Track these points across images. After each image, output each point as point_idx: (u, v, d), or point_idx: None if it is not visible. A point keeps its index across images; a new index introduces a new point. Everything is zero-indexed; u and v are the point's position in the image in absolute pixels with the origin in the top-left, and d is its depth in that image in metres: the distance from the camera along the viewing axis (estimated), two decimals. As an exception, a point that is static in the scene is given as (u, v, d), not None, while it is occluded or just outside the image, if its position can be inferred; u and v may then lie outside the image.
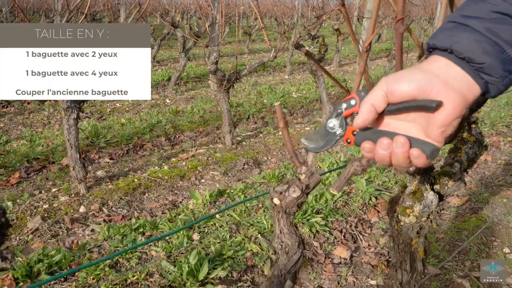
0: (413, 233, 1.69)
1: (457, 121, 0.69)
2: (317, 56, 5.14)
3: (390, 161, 0.76)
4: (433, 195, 1.57)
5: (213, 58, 4.00)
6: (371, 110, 0.73)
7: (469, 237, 2.71)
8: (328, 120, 0.87)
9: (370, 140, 0.77)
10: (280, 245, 0.96)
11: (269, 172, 3.54)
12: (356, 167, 1.02)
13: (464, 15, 0.70)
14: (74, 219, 2.94)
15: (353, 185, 3.43)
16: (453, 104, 0.67)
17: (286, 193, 0.92)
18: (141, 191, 3.39)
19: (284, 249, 0.95)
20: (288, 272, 0.93)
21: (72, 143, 3.19)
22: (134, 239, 2.55)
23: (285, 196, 0.92)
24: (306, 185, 0.93)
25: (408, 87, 0.69)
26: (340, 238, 2.80)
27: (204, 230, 2.71)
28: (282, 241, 0.96)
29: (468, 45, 0.67)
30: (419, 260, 1.75)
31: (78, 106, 3.20)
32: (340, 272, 2.47)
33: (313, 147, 0.90)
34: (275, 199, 0.93)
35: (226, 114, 4.28)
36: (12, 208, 3.02)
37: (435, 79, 0.68)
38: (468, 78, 0.68)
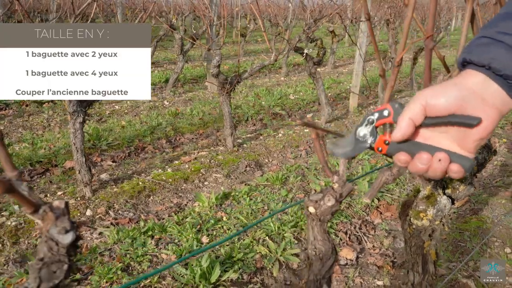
0: (425, 236, 1.75)
1: (491, 134, 0.74)
2: (315, 58, 5.19)
3: (426, 173, 0.81)
4: (446, 199, 1.63)
5: (216, 62, 4.03)
6: (410, 124, 0.78)
7: (471, 238, 2.78)
8: (358, 129, 0.90)
9: (405, 152, 0.82)
10: (314, 252, 1.00)
11: (273, 174, 3.58)
12: (388, 177, 1.06)
13: (499, 32, 0.74)
14: (81, 223, 2.96)
15: (355, 187, 3.49)
16: (490, 119, 0.72)
17: (322, 202, 0.97)
18: (146, 194, 3.42)
19: (318, 255, 1.00)
20: (323, 278, 0.98)
21: (78, 146, 3.21)
22: (144, 242, 2.58)
23: (320, 205, 0.96)
24: (340, 194, 0.97)
25: (446, 102, 0.74)
26: (346, 239, 2.85)
27: (213, 233, 2.75)
28: (316, 247, 1.00)
29: (506, 63, 0.71)
30: (431, 262, 1.81)
31: (84, 110, 3.22)
32: (347, 273, 2.53)
33: (340, 153, 0.94)
34: (311, 208, 0.98)
35: (228, 117, 4.31)
36: (19, 212, 3.04)
37: (472, 95, 0.73)
38: (503, 94, 0.72)
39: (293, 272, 2.52)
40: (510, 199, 3.33)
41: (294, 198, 3.29)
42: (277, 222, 2.83)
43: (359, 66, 5.95)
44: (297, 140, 4.79)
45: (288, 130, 5.16)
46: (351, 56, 12.30)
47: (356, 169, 3.89)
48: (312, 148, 4.61)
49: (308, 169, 3.88)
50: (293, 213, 2.96)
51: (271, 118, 5.75)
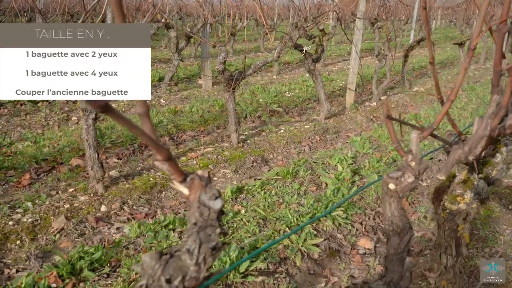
0: (459, 219, 1.81)
1: None
2: (314, 55, 5.26)
3: None
4: (483, 183, 1.70)
5: (221, 58, 4.06)
6: None
7: (483, 226, 2.87)
8: None
9: None
10: (391, 227, 1.05)
11: (283, 169, 3.62)
12: (460, 155, 1.12)
13: None
14: (98, 218, 2.96)
15: (364, 179, 3.56)
16: None
17: (402, 178, 1.01)
18: (158, 190, 3.42)
19: (396, 230, 1.04)
20: (403, 251, 1.03)
21: (91, 143, 3.21)
22: (167, 235, 2.59)
23: (401, 181, 1.01)
24: (418, 171, 1.02)
25: None
26: (361, 230, 2.91)
27: (233, 225, 2.78)
28: (393, 223, 1.05)
29: None
30: (464, 245, 1.88)
31: (96, 106, 3.21)
32: (367, 261, 2.59)
33: None
34: (391, 185, 1.02)
35: (232, 113, 4.34)
36: (33, 209, 3.01)
37: None
38: None
39: (315, 262, 2.57)
40: (515, 189, 3.44)
41: (307, 191, 3.34)
42: (295, 214, 2.87)
43: (355, 63, 6.03)
44: (299, 136, 4.84)
45: (289, 126, 5.21)
46: (339, 55, 12.44)
47: (362, 162, 3.96)
48: (314, 144, 4.67)
49: (316, 163, 3.93)
50: (309, 205, 3.01)
51: (269, 115, 5.80)
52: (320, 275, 2.46)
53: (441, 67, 10.66)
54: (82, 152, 4.09)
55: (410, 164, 1.04)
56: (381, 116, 5.87)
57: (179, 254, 0.61)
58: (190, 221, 0.64)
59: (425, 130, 1.10)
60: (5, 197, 3.22)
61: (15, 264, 2.45)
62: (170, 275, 0.59)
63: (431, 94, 2.01)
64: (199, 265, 0.60)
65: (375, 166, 3.74)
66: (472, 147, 1.14)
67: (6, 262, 2.47)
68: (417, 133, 1.10)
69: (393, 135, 1.10)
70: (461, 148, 1.13)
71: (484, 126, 1.45)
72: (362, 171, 3.70)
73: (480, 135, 1.38)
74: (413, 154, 1.08)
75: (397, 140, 1.10)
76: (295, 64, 10.52)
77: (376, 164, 3.77)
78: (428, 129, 1.09)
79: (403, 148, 1.10)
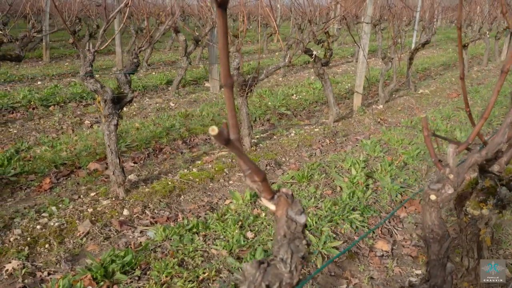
0: (481, 224, 1.90)
1: None
2: (323, 59, 5.35)
3: None
4: (505, 190, 1.79)
5: (235, 64, 4.15)
6: None
7: (496, 229, 2.97)
8: None
9: None
10: (431, 235, 1.14)
11: (299, 173, 3.71)
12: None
13: None
14: (122, 222, 3.05)
15: (378, 183, 3.65)
16: None
17: (443, 190, 1.10)
18: (177, 193, 3.51)
19: (436, 237, 1.13)
20: (443, 257, 1.12)
21: (112, 148, 3.29)
22: (191, 239, 2.68)
23: (442, 193, 1.10)
24: (457, 183, 1.11)
25: None
26: (378, 232, 3.00)
27: (254, 229, 2.87)
28: (433, 231, 1.14)
29: None
30: (485, 248, 1.97)
31: (118, 112, 3.30)
32: (385, 263, 2.68)
33: None
34: (432, 196, 1.11)
35: (245, 118, 4.43)
36: (58, 213, 3.10)
37: None
38: None
39: (335, 264, 2.66)
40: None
41: (323, 195, 3.43)
42: (314, 217, 2.96)
43: (363, 66, 6.13)
44: (309, 139, 4.93)
45: (299, 129, 5.31)
46: (342, 56, 12.53)
47: (375, 166, 4.05)
48: (325, 147, 4.77)
49: (329, 167, 4.03)
50: (327, 209, 3.10)
51: (278, 118, 5.89)
52: (341, 277, 2.55)
53: (444, 68, 10.76)
54: (99, 157, 4.18)
55: (449, 177, 1.14)
56: (389, 119, 5.96)
57: (275, 263, 0.70)
58: (279, 233, 0.73)
59: (461, 145, 1.19)
60: (29, 201, 3.31)
61: (46, 267, 2.54)
62: (269, 282, 0.68)
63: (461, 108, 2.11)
64: (292, 272, 0.69)
65: (387, 169, 3.83)
66: (489, 152, 1.23)
67: (37, 265, 2.56)
68: (453, 147, 1.19)
69: (431, 151, 1.19)
70: (478, 152, 1.22)
71: (502, 134, 1.55)
72: (375, 175, 3.79)
73: (497, 142, 1.47)
74: (450, 167, 1.17)
75: (435, 154, 1.19)
76: (299, 66, 10.61)
77: (388, 168, 3.86)
78: (463, 144, 1.19)
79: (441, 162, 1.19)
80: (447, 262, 1.11)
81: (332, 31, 11.87)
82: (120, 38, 8.67)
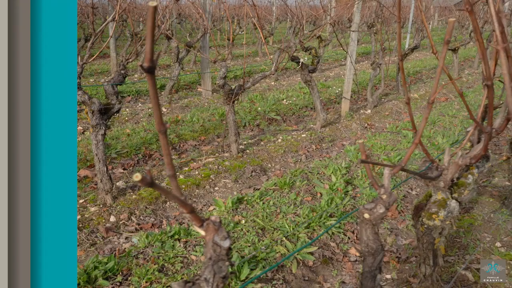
0: (436, 234, 2.04)
1: None
2: (310, 66, 5.48)
3: None
4: (455, 203, 1.92)
5: (222, 73, 4.28)
6: None
7: (465, 234, 3.10)
8: None
9: None
10: (367, 249, 1.27)
11: (281, 179, 3.85)
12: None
13: None
14: (108, 228, 3.18)
15: (357, 189, 3.79)
16: None
17: (375, 209, 1.23)
18: (163, 200, 3.64)
19: (370, 251, 1.26)
20: (375, 269, 1.25)
21: (100, 157, 3.42)
22: (173, 245, 2.81)
23: (374, 212, 1.23)
24: (388, 203, 1.24)
25: None
26: (353, 238, 3.13)
27: (233, 235, 3.01)
28: (368, 245, 1.27)
29: None
30: (440, 256, 2.10)
31: (105, 122, 3.43)
32: (358, 268, 2.81)
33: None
34: (366, 215, 1.24)
35: (232, 125, 4.56)
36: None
37: None
38: None
39: (310, 269, 2.79)
40: (497, 198, 3.67)
41: (303, 201, 3.57)
42: (291, 223, 3.10)
43: (350, 72, 6.26)
44: (295, 145, 5.07)
45: (286, 135, 5.44)
46: (335, 59, 12.67)
47: (356, 172, 4.19)
48: (310, 152, 4.90)
49: (311, 173, 4.16)
50: (305, 215, 3.23)
51: (267, 124, 6.02)
52: (314, 281, 2.68)
53: (436, 71, 10.89)
54: (89, 163, 4.31)
55: (382, 197, 1.27)
56: (376, 124, 6.10)
57: (199, 282, 0.83)
58: (206, 256, 0.86)
59: (395, 167, 1.32)
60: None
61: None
62: (193, 298, 0.81)
63: (407, 129, 2.26)
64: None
65: (367, 176, 3.96)
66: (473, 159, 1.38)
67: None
68: (388, 169, 1.32)
69: (369, 173, 1.32)
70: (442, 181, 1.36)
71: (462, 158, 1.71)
72: (355, 181, 3.93)
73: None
74: (385, 188, 1.30)
75: (372, 176, 1.32)
76: (292, 69, 10.74)
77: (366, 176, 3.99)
78: (397, 167, 1.32)
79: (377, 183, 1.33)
80: (378, 274, 1.24)
81: (325, 35, 11.99)
82: (114, 43, 8.79)
